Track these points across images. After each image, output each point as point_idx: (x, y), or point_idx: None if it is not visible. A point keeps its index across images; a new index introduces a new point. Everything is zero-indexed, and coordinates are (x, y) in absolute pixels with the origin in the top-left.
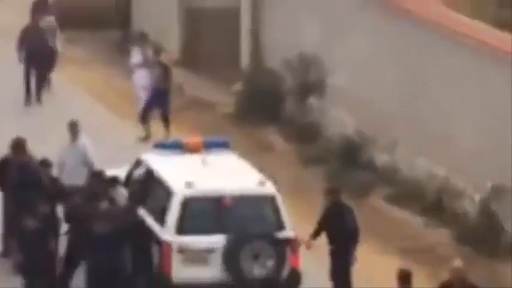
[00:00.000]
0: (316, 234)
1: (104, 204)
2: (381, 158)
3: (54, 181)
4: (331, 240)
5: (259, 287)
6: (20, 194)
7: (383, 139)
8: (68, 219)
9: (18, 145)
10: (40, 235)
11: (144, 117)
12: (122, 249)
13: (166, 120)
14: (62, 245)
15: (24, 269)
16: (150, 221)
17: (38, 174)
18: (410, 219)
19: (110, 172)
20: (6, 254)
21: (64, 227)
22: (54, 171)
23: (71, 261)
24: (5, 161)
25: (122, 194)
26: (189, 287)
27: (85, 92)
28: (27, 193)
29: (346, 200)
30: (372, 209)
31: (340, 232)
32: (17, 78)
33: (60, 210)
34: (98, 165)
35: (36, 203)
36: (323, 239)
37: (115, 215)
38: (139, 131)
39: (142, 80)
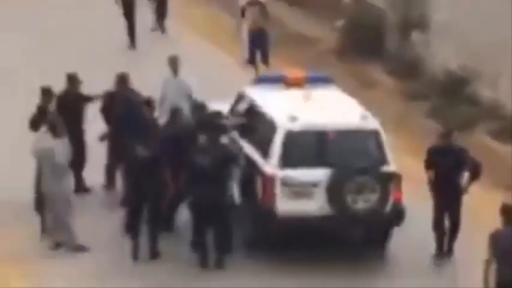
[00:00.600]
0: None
1: (203, 138)
2: (485, 93)
3: (154, 121)
4: (439, 178)
5: (363, 221)
6: (126, 126)
7: (486, 73)
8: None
9: (122, 79)
10: (151, 164)
11: (251, 60)
12: (223, 182)
13: (265, 61)
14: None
15: (128, 198)
16: (253, 154)
17: (141, 107)
18: None
19: (213, 106)
20: (109, 186)
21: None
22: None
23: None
24: (111, 95)
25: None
26: (292, 220)
27: (193, 31)
28: (132, 124)
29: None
30: (476, 144)
31: (448, 172)
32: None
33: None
34: (202, 99)
35: (145, 134)
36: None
37: (216, 148)
38: (246, 69)
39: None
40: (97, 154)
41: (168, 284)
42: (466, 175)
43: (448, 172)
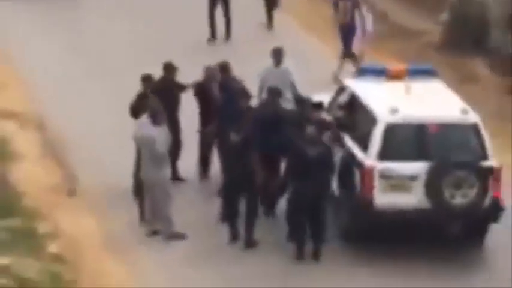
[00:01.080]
0: None
1: (311, 129)
2: None
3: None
4: None
5: (461, 215)
6: (226, 114)
7: None
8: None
9: (224, 67)
10: (241, 148)
11: (347, 53)
12: (327, 174)
13: (347, 55)
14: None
15: (225, 186)
16: (352, 146)
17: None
18: None
19: (315, 97)
20: (204, 175)
21: None
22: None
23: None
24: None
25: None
26: (390, 213)
27: (294, 20)
28: (232, 113)
29: None
30: None
31: None
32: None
33: None
34: (302, 90)
35: (239, 119)
36: None
37: (321, 140)
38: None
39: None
40: (189, 143)
41: (263, 274)
42: None
43: None
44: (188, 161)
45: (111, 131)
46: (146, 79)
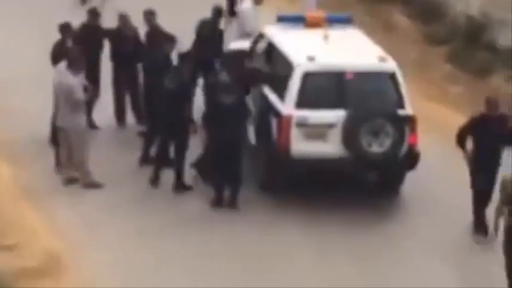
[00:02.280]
0: (460, 142)
1: (225, 76)
2: (504, 39)
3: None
4: (477, 150)
5: (377, 163)
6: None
7: (507, 20)
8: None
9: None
10: (177, 98)
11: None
12: (241, 122)
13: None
14: None
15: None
16: (270, 94)
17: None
18: None
19: (234, 45)
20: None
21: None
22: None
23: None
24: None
25: None
26: (307, 161)
27: None
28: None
29: (468, 79)
30: (493, 90)
31: (488, 144)
32: None
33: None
34: None
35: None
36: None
37: (236, 87)
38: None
39: None
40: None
41: (179, 220)
42: None
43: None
44: (106, 109)
45: (32, 79)
46: (64, 27)
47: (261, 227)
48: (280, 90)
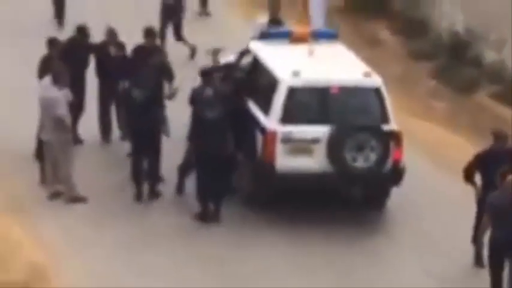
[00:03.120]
0: (468, 178)
1: (209, 91)
2: (489, 56)
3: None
4: (487, 187)
5: (362, 178)
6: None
7: (492, 37)
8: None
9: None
10: (146, 106)
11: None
12: (225, 136)
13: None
14: None
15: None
16: (255, 109)
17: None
18: None
19: (222, 60)
20: (105, 139)
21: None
22: None
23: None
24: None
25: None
26: (292, 176)
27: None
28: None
29: (452, 94)
30: (477, 106)
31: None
32: None
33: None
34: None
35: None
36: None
37: (221, 101)
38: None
39: None
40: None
41: (163, 233)
42: None
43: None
44: (91, 123)
45: (17, 94)
46: (51, 42)
47: (243, 241)
48: (265, 105)
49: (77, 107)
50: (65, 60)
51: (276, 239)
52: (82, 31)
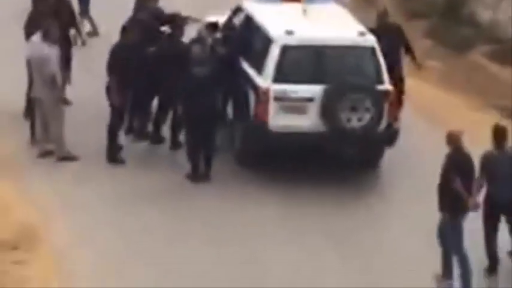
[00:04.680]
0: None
1: (197, 48)
2: (484, 14)
3: None
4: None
5: (356, 138)
6: None
7: None
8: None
9: None
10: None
11: None
12: (215, 94)
13: None
14: None
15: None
16: (248, 68)
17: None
18: (510, 77)
19: (210, 18)
20: None
21: None
22: None
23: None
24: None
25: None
26: (285, 135)
27: None
28: None
29: (447, 54)
30: (472, 65)
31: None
32: None
33: None
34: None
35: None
36: None
37: (213, 60)
38: None
39: None
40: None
41: (153, 192)
42: None
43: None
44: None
45: (4, 54)
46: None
47: (235, 202)
48: (259, 64)
49: (64, 66)
50: (52, 17)
51: (268, 199)
52: None
